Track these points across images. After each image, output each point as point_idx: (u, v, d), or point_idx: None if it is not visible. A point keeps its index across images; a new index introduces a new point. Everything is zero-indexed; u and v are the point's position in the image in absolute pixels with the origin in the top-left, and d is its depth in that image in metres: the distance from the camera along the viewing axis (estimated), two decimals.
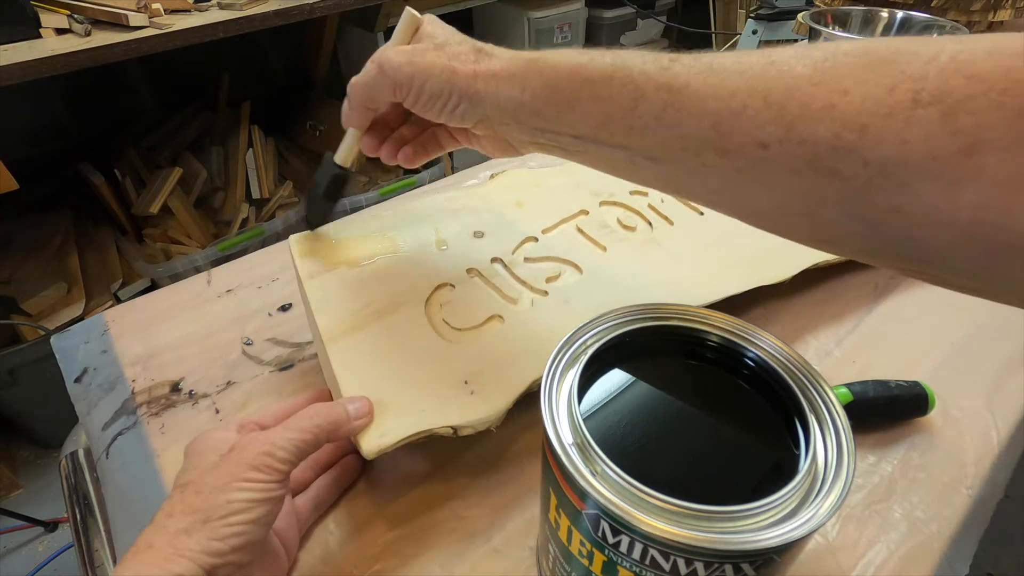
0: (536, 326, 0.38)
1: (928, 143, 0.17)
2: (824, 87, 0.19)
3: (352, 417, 0.31)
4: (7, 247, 1.21)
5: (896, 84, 0.18)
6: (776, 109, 0.20)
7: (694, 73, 0.22)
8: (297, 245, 0.41)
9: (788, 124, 0.19)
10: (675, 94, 0.22)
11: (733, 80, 0.21)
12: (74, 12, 1.00)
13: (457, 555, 0.32)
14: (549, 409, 0.23)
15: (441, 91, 0.29)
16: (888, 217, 0.19)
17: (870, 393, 0.37)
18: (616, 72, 0.24)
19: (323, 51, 1.54)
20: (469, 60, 0.28)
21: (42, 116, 1.35)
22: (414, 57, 0.29)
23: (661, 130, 0.23)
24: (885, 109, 0.18)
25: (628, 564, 0.21)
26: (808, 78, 0.19)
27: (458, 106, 0.29)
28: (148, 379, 0.43)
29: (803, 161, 0.19)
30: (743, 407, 0.25)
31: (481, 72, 0.28)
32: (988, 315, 0.46)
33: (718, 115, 0.21)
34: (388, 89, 0.31)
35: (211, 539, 0.25)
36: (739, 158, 0.21)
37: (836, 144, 0.19)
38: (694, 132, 0.22)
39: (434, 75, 0.28)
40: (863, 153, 0.18)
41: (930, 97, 0.17)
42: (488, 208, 0.46)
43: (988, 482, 0.36)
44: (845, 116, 0.18)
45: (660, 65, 0.23)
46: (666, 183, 0.25)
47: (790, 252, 0.46)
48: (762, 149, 0.20)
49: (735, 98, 0.21)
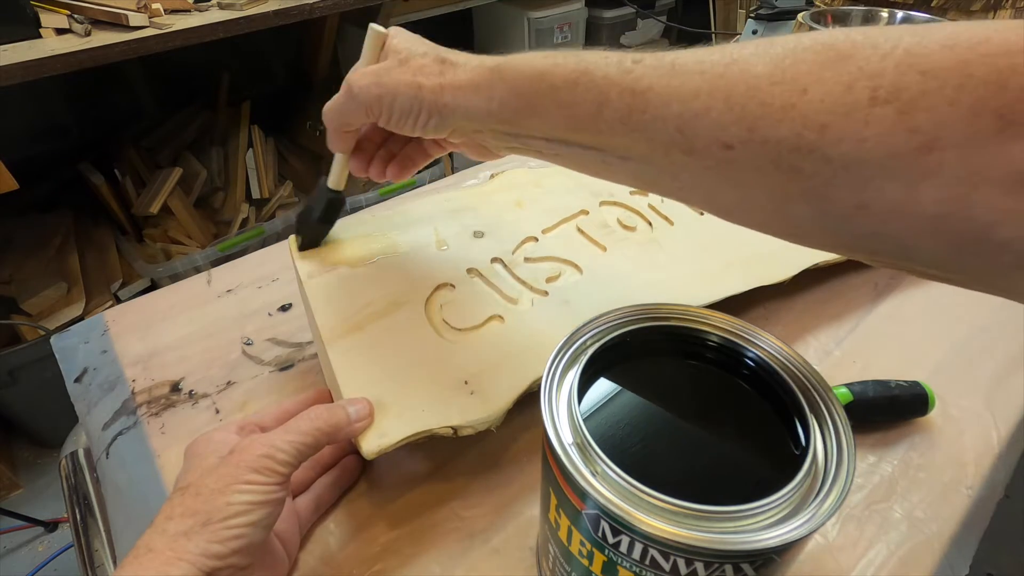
0: (536, 326, 0.38)
1: (886, 141, 0.17)
2: (784, 86, 0.19)
3: (352, 419, 0.31)
4: (7, 247, 1.21)
5: (854, 82, 0.18)
6: (738, 110, 0.20)
7: (656, 76, 0.22)
8: (297, 245, 0.41)
9: (750, 125, 0.20)
10: (638, 98, 0.22)
11: (694, 81, 0.21)
12: (74, 12, 1.00)
13: (457, 555, 0.32)
14: (549, 409, 0.23)
15: (410, 108, 0.29)
16: (853, 212, 0.19)
17: (870, 393, 0.37)
18: (580, 77, 0.24)
19: (323, 51, 1.54)
20: (434, 73, 0.28)
21: (42, 116, 1.35)
22: (380, 77, 0.29)
23: (627, 133, 0.23)
24: (843, 108, 0.18)
25: (628, 564, 0.21)
26: (768, 77, 0.19)
27: (429, 120, 0.29)
28: (148, 379, 0.43)
29: (767, 160, 0.20)
30: (743, 407, 0.25)
31: (447, 84, 0.28)
32: (988, 315, 0.46)
33: (681, 118, 0.21)
34: (359, 112, 0.31)
35: (211, 542, 0.25)
36: (705, 158, 0.21)
37: (798, 143, 0.19)
38: (659, 135, 0.22)
39: (400, 93, 0.29)
40: (824, 151, 0.18)
41: (886, 95, 0.17)
42: (488, 208, 0.46)
43: (988, 482, 0.36)
44: (805, 116, 0.18)
45: (623, 68, 0.23)
46: (639, 180, 0.26)
47: (790, 252, 0.46)
48: (727, 150, 0.20)
49: (697, 100, 0.21)
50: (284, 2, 1.14)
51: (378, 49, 0.32)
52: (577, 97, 0.24)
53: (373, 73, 0.30)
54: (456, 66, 0.28)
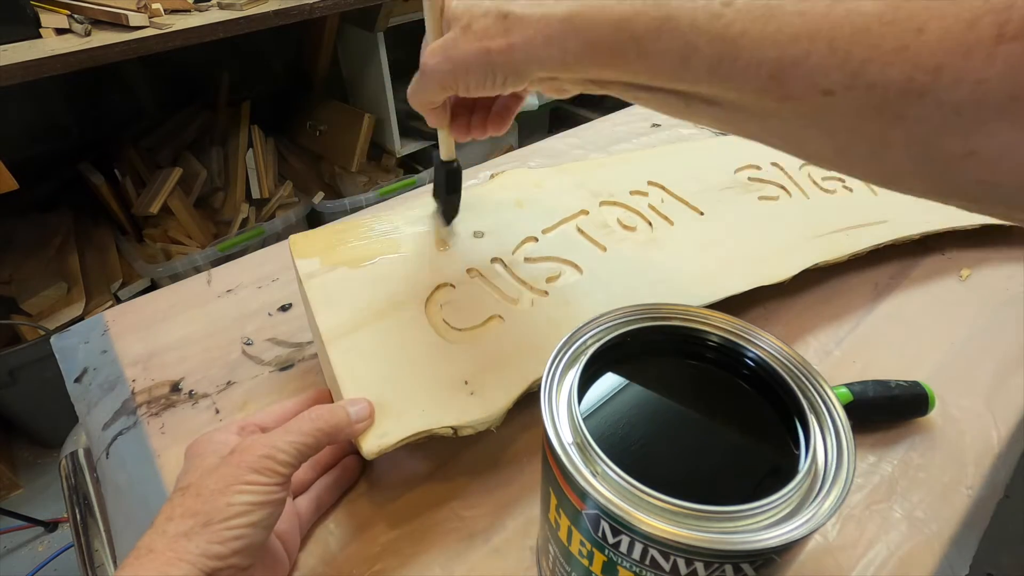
0: (536, 326, 0.38)
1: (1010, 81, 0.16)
2: (897, 25, 0.17)
3: (353, 420, 0.31)
4: (7, 247, 1.21)
5: (978, 17, 0.16)
6: (842, 54, 0.18)
7: (750, 19, 0.20)
8: (297, 245, 0.41)
9: (855, 69, 0.18)
10: (729, 45, 0.21)
11: (794, 23, 0.19)
12: (74, 12, 1.00)
13: (457, 555, 0.32)
14: (549, 409, 0.23)
15: (484, 74, 0.28)
16: (960, 160, 0.18)
17: (870, 393, 0.37)
18: (663, 24, 0.22)
19: (323, 51, 1.54)
20: (499, 33, 0.27)
21: (42, 116, 1.35)
22: (447, 52, 0.29)
23: (716, 81, 0.22)
24: (964, 47, 0.16)
25: (628, 564, 0.21)
26: (879, 16, 0.18)
27: (505, 80, 0.28)
28: (148, 379, 0.43)
29: (870, 106, 0.18)
30: (743, 407, 0.25)
31: (516, 43, 0.26)
32: (988, 315, 0.46)
33: (778, 63, 0.20)
34: (437, 90, 0.31)
35: (211, 542, 0.25)
36: (801, 104, 0.20)
37: (908, 87, 0.17)
38: (752, 83, 0.21)
39: (471, 63, 0.28)
40: (937, 95, 0.17)
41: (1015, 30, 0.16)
42: (488, 208, 0.46)
43: (988, 482, 0.36)
44: (919, 57, 0.17)
45: (712, 12, 0.21)
46: (724, 124, 0.25)
47: (790, 252, 0.46)
48: (826, 96, 0.19)
49: (797, 44, 0.19)
50: (284, 2, 1.14)
51: (439, 16, 0.31)
52: (661, 47, 0.22)
53: (440, 49, 0.29)
54: (522, 19, 0.26)
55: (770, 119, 0.22)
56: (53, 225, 1.28)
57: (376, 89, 1.51)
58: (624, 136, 0.72)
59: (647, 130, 0.73)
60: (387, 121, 1.55)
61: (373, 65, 1.47)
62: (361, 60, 1.53)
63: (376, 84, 1.50)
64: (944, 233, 0.51)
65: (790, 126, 0.21)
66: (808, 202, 0.51)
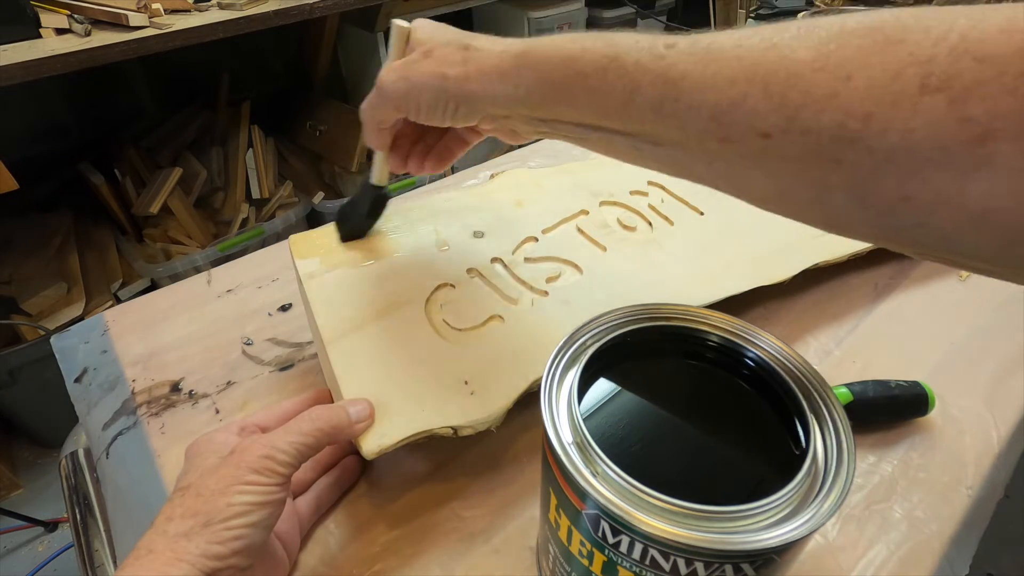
0: (536, 326, 0.38)
1: (936, 131, 0.16)
2: (827, 72, 0.18)
3: (353, 420, 0.31)
4: (7, 247, 1.21)
5: (902, 69, 0.17)
6: (777, 99, 0.19)
7: (691, 62, 0.21)
8: (297, 245, 0.41)
9: (790, 114, 0.19)
10: (671, 86, 0.21)
11: (731, 67, 0.20)
12: (74, 12, 1.00)
13: (457, 555, 0.32)
14: (549, 409, 0.23)
15: (437, 99, 0.29)
16: (897, 204, 0.18)
17: (870, 393, 0.37)
18: (609, 64, 0.23)
19: (323, 51, 1.54)
20: (458, 62, 0.28)
21: (42, 116, 1.35)
22: (407, 72, 0.30)
23: (659, 121, 0.22)
24: (891, 96, 0.17)
25: (628, 564, 0.21)
26: (810, 63, 0.18)
27: (457, 109, 0.29)
28: (148, 379, 0.43)
29: (806, 150, 0.19)
30: (743, 407, 0.25)
31: (472, 72, 0.27)
32: (988, 315, 0.46)
33: (717, 106, 0.20)
34: (391, 108, 0.31)
35: (211, 543, 0.25)
36: (741, 146, 0.20)
37: (840, 134, 0.18)
38: (693, 123, 0.21)
39: (427, 85, 0.29)
40: (868, 142, 0.17)
41: (938, 82, 0.16)
42: (488, 208, 0.46)
43: (988, 482, 0.36)
44: (849, 104, 0.18)
45: (655, 54, 0.22)
46: (671, 167, 0.25)
47: (790, 252, 0.46)
48: (764, 139, 0.20)
49: (734, 87, 0.20)
50: (284, 2, 1.14)
51: (403, 44, 0.32)
52: (607, 85, 0.23)
53: (400, 68, 0.30)
54: (480, 51, 0.27)
55: (715, 161, 0.22)
56: (53, 225, 1.28)
57: None
58: None
59: None
60: None
61: (373, 65, 1.47)
62: (361, 60, 1.53)
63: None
64: None
65: (734, 168, 0.22)
66: None
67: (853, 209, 0.19)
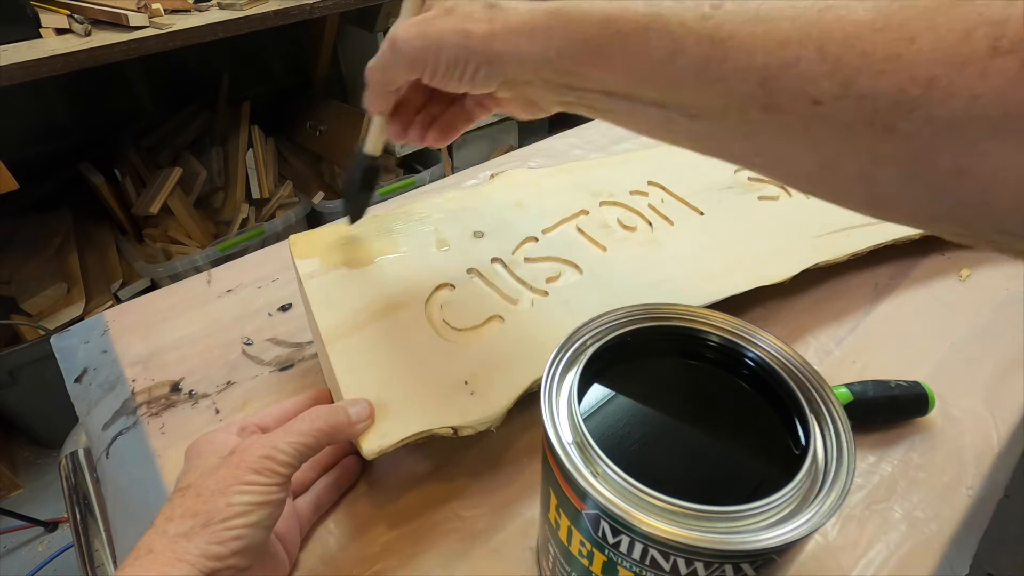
0: (536, 326, 0.38)
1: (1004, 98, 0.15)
2: (888, 33, 0.17)
3: (353, 420, 0.31)
4: (7, 247, 1.21)
5: (972, 29, 0.16)
6: (832, 61, 0.18)
7: (739, 22, 0.20)
8: (297, 245, 0.41)
9: (845, 78, 0.17)
10: (717, 47, 0.20)
11: (783, 28, 0.19)
12: (74, 12, 1.00)
13: (457, 555, 0.32)
14: (549, 409, 0.23)
15: (457, 58, 0.26)
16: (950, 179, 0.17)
17: (870, 393, 0.37)
18: (651, 23, 0.21)
19: (323, 51, 1.54)
20: (483, 19, 0.25)
21: (42, 116, 1.35)
22: (424, 28, 0.27)
23: (701, 86, 0.21)
24: (959, 59, 0.16)
25: (628, 564, 0.21)
26: (870, 23, 0.17)
27: (478, 71, 0.26)
28: (148, 379, 0.43)
29: (860, 117, 0.18)
30: (743, 407, 0.25)
31: (498, 30, 0.25)
32: (988, 315, 0.46)
33: (766, 69, 0.19)
34: (404, 67, 0.29)
35: (211, 543, 0.25)
36: (788, 115, 0.19)
37: (899, 99, 0.17)
38: (738, 88, 0.20)
39: (447, 42, 0.26)
40: (928, 108, 0.16)
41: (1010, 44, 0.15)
42: (488, 208, 0.46)
43: (988, 482, 0.36)
44: (912, 67, 0.16)
45: (701, 13, 0.21)
46: (703, 142, 0.23)
47: (790, 252, 0.46)
48: (814, 105, 0.18)
49: (786, 49, 0.18)
50: (284, 2, 1.14)
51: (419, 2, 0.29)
52: (648, 45, 0.21)
53: (418, 23, 0.27)
54: (507, 9, 0.25)
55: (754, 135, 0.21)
56: (53, 225, 1.28)
57: None
58: (624, 136, 0.72)
59: None
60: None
61: None
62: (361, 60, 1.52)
63: None
64: None
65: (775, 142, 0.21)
66: (808, 202, 0.51)
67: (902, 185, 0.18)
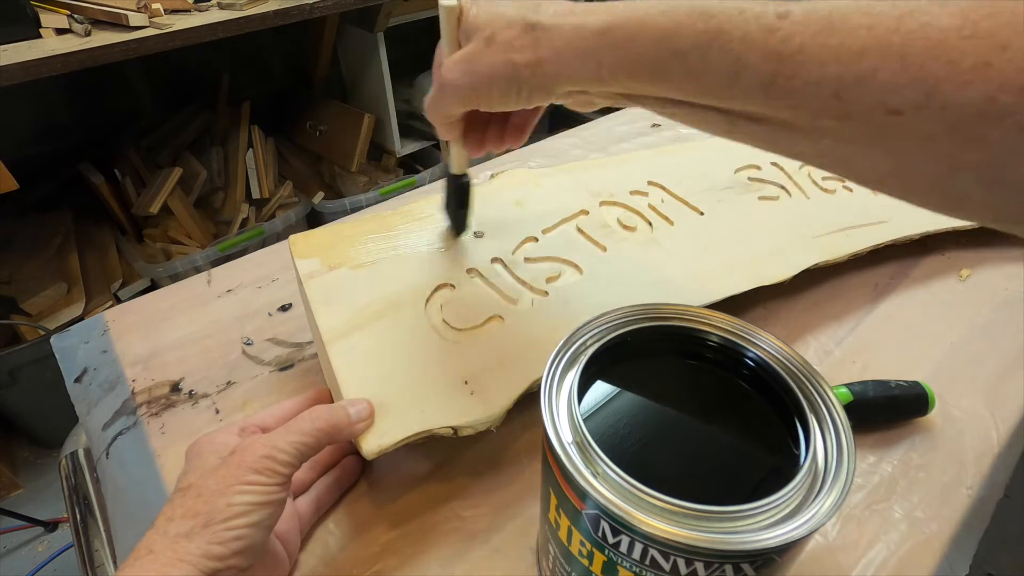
0: (536, 326, 0.38)
1: None
2: (978, 40, 0.16)
3: (353, 420, 0.31)
4: (7, 247, 1.21)
5: None
6: (915, 70, 0.17)
7: (809, 33, 0.19)
8: (297, 245, 0.41)
9: (929, 88, 0.17)
10: (786, 62, 0.19)
11: (859, 37, 0.18)
12: (74, 12, 1.00)
13: (457, 555, 0.32)
14: (549, 409, 0.23)
15: (509, 89, 0.26)
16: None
17: (870, 393, 0.37)
18: (712, 40, 0.20)
19: (323, 51, 1.54)
20: (526, 46, 0.25)
21: (42, 116, 1.35)
22: (469, 66, 0.27)
23: (768, 101, 0.20)
24: None
25: (628, 564, 0.21)
26: (957, 31, 0.16)
27: (532, 95, 0.26)
28: (148, 379, 0.43)
29: (942, 127, 0.17)
30: (743, 407, 0.25)
31: (544, 57, 0.24)
32: (988, 315, 0.46)
33: (840, 80, 0.18)
34: (457, 105, 0.29)
35: (212, 543, 0.25)
36: (863, 124, 0.19)
37: (987, 109, 0.16)
38: (809, 101, 0.19)
39: (496, 77, 0.26)
40: (1019, 117, 0.16)
41: None
42: (488, 208, 0.46)
43: (988, 482, 0.36)
44: (1003, 76, 0.16)
45: (766, 26, 0.19)
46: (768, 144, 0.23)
47: (790, 252, 0.46)
48: (892, 116, 0.18)
49: (863, 60, 0.18)
50: (284, 2, 1.14)
51: (455, 25, 0.28)
52: (709, 64, 0.21)
53: (461, 61, 0.27)
54: (552, 31, 0.24)
55: (824, 139, 0.20)
56: (53, 225, 1.28)
57: (376, 89, 1.51)
58: (624, 136, 0.72)
59: (647, 130, 0.73)
60: (387, 121, 1.55)
61: (373, 65, 1.47)
62: (361, 60, 1.53)
63: (376, 84, 1.50)
64: (944, 233, 0.51)
65: (847, 147, 0.20)
66: (808, 202, 0.51)
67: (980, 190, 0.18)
